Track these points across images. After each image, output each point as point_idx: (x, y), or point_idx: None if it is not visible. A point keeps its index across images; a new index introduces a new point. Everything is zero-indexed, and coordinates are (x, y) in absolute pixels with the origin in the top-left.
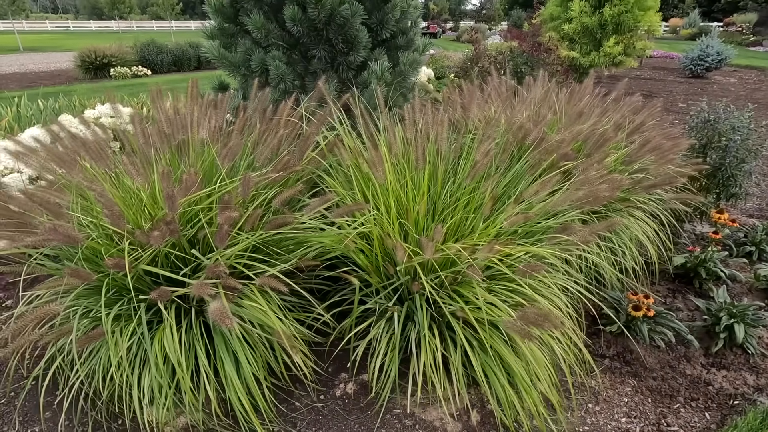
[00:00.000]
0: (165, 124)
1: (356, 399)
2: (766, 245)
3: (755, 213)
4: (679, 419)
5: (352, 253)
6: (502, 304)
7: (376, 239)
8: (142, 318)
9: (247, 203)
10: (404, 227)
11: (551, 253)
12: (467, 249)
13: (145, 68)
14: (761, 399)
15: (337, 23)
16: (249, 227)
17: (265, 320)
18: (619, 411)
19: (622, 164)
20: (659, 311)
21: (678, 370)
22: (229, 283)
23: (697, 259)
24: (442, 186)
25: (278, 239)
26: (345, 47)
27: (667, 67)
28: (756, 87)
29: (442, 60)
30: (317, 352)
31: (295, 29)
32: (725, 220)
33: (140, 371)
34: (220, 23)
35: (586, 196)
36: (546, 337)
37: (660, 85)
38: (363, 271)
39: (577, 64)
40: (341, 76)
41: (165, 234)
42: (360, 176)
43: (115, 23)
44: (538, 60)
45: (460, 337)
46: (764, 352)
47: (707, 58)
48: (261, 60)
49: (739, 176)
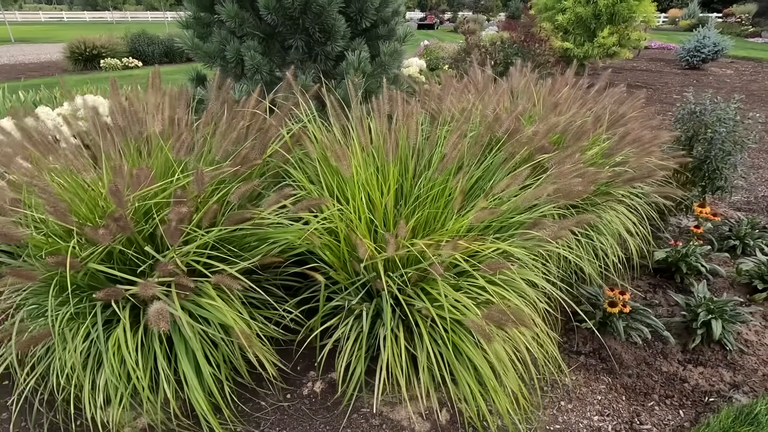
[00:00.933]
0: (120, 117)
1: (323, 398)
2: (750, 239)
3: (743, 206)
4: (653, 417)
5: (317, 249)
6: (468, 302)
7: (342, 234)
8: (98, 317)
9: (206, 198)
10: (374, 222)
11: (521, 249)
12: (432, 246)
13: (136, 60)
14: (737, 396)
15: (313, 12)
16: (207, 223)
17: (224, 319)
18: (591, 409)
19: (602, 157)
20: (635, 307)
21: (654, 366)
22: (182, 281)
23: (678, 254)
24: (413, 180)
25: (240, 235)
26: (322, 37)
27: (664, 59)
28: (752, 79)
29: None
30: (286, 350)
31: (270, 18)
32: (707, 214)
33: (94, 372)
34: (195, 12)
35: (558, 190)
36: (516, 335)
37: (656, 77)
38: (330, 268)
39: (571, 55)
40: (319, 66)
41: (114, 231)
42: (328, 170)
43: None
44: (529, 51)
45: (425, 335)
46: (742, 348)
47: (704, 50)
48: (236, 50)
49: (724, 169)
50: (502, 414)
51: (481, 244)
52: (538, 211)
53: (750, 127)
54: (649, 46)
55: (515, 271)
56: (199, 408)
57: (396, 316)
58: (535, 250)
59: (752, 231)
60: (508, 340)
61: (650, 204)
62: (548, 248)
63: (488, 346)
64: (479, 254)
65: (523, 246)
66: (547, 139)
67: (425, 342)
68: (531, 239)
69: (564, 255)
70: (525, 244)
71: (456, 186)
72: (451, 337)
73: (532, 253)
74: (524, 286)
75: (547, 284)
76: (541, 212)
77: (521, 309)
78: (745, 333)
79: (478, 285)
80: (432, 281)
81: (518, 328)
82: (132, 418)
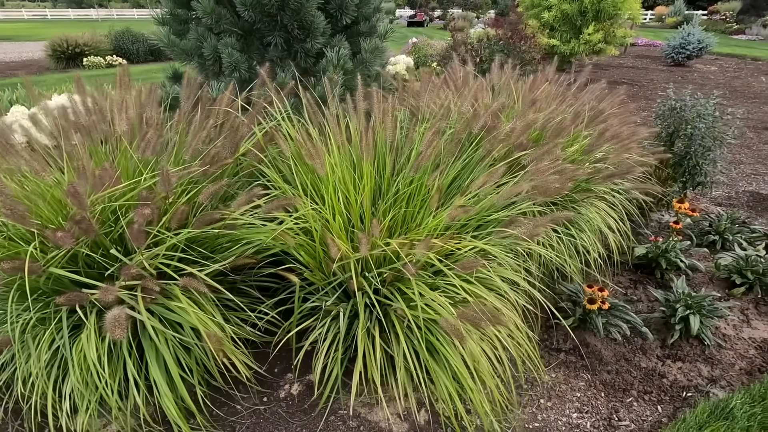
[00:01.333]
0: (84, 117)
1: (300, 400)
2: (729, 234)
3: (723, 201)
4: (631, 413)
5: (292, 249)
6: (444, 301)
7: (315, 234)
8: (63, 323)
9: (176, 199)
10: (351, 221)
11: (498, 247)
12: (406, 245)
13: (120, 58)
14: (714, 390)
15: (291, 8)
16: (176, 224)
17: (194, 323)
18: (571, 406)
19: (582, 154)
20: (614, 304)
21: (633, 362)
22: (148, 285)
23: (658, 250)
24: (390, 178)
25: (212, 236)
26: (301, 34)
27: (650, 55)
28: (735, 75)
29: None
30: (264, 353)
31: (248, 14)
32: (685, 210)
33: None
34: (171, 8)
35: (536, 188)
36: (495, 334)
37: (642, 73)
38: (306, 268)
39: (558, 52)
40: (300, 63)
41: (77, 233)
42: (302, 168)
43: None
44: (515, 48)
45: (401, 336)
46: (720, 343)
47: (688, 46)
48: (213, 47)
49: (704, 165)
50: (480, 414)
51: (457, 242)
52: (516, 208)
53: (729, 123)
54: (635, 43)
55: (493, 269)
56: (170, 414)
57: (373, 317)
58: (513, 247)
59: (732, 226)
60: (486, 339)
61: (631, 200)
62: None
63: (464, 346)
64: (457, 253)
65: (500, 244)
66: (526, 135)
67: (401, 342)
68: (507, 237)
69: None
70: (502, 242)
71: (433, 184)
72: (424, 336)
73: (510, 251)
74: (502, 284)
75: (526, 282)
76: (519, 210)
77: (497, 308)
78: (723, 327)
79: (455, 284)
80: (409, 281)
81: (495, 327)
82: (102, 426)
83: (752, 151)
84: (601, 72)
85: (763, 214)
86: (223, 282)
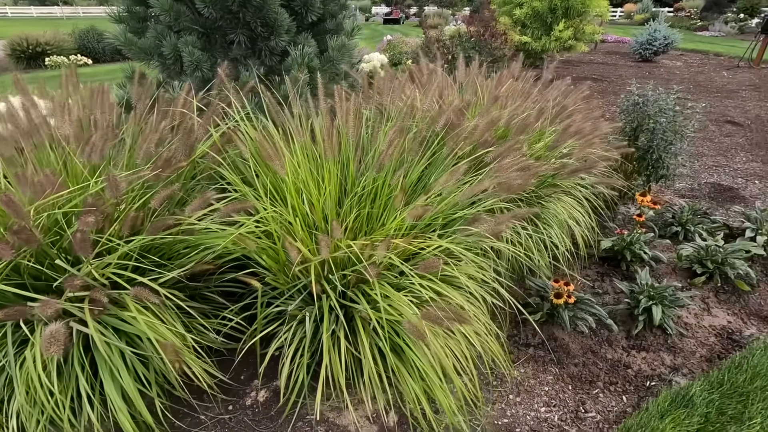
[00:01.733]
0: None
1: (267, 407)
2: (691, 225)
3: (687, 193)
4: (597, 404)
5: (254, 253)
6: (406, 301)
7: (276, 237)
8: (8, 338)
9: (128, 205)
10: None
11: (463, 245)
12: (368, 246)
13: (85, 57)
14: (676, 379)
15: (254, 5)
16: (128, 232)
17: (147, 333)
18: (539, 400)
19: (547, 150)
20: (580, 297)
21: (599, 354)
22: (96, 296)
23: (623, 242)
24: (355, 178)
25: (169, 243)
26: (265, 31)
27: (619, 52)
28: (699, 70)
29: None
30: (230, 360)
31: (208, 12)
32: (648, 203)
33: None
34: (129, 5)
35: (500, 185)
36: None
37: (611, 69)
38: (269, 272)
39: (529, 48)
40: (265, 62)
41: (16, 244)
42: (263, 170)
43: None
44: (486, 45)
45: (365, 339)
46: (682, 332)
47: (655, 43)
48: (173, 46)
49: (666, 158)
50: (447, 413)
51: (422, 242)
52: (481, 206)
53: (689, 117)
54: (605, 39)
55: (459, 268)
56: (126, 429)
57: (339, 320)
58: (480, 245)
59: (693, 217)
60: (453, 338)
61: (597, 195)
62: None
63: (429, 347)
64: (423, 252)
65: (466, 242)
66: (491, 133)
67: (365, 345)
68: (471, 235)
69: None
70: (467, 240)
71: (397, 183)
72: (390, 337)
73: (478, 248)
74: (467, 283)
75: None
76: (483, 207)
77: (462, 307)
78: (685, 316)
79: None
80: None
81: (462, 326)
82: None
83: (714, 143)
84: (572, 68)
85: (724, 204)
86: (185, 289)
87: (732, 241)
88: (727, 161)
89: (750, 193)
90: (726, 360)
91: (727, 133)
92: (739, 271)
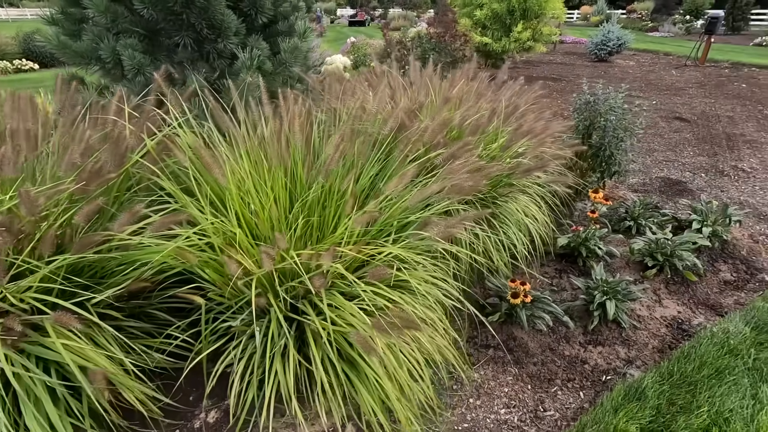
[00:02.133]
0: None
1: (218, 428)
2: (642, 219)
3: (639, 188)
4: (556, 403)
5: (196, 267)
6: (358, 311)
7: (219, 250)
8: None
9: (51, 222)
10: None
11: (417, 249)
12: (314, 255)
13: (30, 62)
14: (630, 371)
15: (198, 6)
16: (49, 251)
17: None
18: (499, 402)
19: (501, 150)
20: (537, 296)
21: (558, 352)
22: (9, 324)
23: (579, 239)
24: (304, 184)
25: (100, 261)
26: (212, 33)
27: (576, 52)
28: (650, 69)
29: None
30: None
31: (147, 13)
32: (600, 199)
33: None
34: (63, 6)
35: (451, 187)
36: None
37: (569, 69)
38: (214, 286)
39: (491, 49)
40: (214, 65)
41: None
42: (209, 179)
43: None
44: (446, 46)
45: (315, 351)
46: (635, 325)
47: (609, 43)
48: (112, 49)
49: (617, 154)
50: (404, 424)
51: (374, 248)
52: (434, 209)
53: (638, 114)
54: (563, 40)
55: (411, 273)
56: None
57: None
58: (434, 248)
59: (645, 211)
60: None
61: (554, 193)
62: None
63: (383, 356)
64: (376, 259)
65: (420, 246)
66: (443, 134)
67: (317, 358)
68: (424, 239)
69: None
70: (421, 244)
71: (347, 188)
72: (339, 348)
73: (432, 252)
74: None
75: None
76: (437, 210)
77: (416, 313)
78: (638, 309)
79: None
80: (328, 291)
81: (417, 333)
82: None
83: (664, 139)
84: (533, 68)
85: (673, 197)
86: (126, 308)
87: (680, 233)
88: (676, 156)
89: (697, 186)
90: (676, 350)
91: (676, 129)
92: (687, 263)
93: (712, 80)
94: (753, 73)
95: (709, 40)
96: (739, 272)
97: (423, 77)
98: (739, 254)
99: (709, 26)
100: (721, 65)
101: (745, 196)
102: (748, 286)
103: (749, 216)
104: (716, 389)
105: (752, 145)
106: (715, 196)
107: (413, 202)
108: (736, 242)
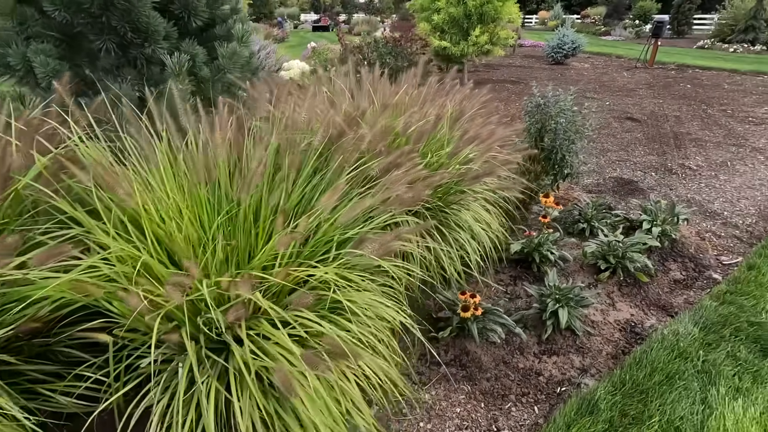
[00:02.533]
0: None
1: None
2: (595, 221)
3: (594, 189)
4: (509, 420)
5: (102, 300)
6: (286, 341)
7: (125, 280)
8: None
9: None
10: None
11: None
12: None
13: None
14: (585, 381)
15: (119, 8)
16: None
17: None
18: (451, 424)
19: (447, 157)
20: (488, 308)
21: (511, 365)
22: None
23: (532, 244)
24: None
25: None
26: (138, 38)
27: (535, 55)
28: (603, 71)
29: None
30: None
31: (59, 15)
32: (551, 204)
33: None
34: None
35: (389, 200)
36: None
37: (527, 72)
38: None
39: (449, 53)
40: (142, 72)
41: None
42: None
43: None
44: (403, 50)
45: (233, 389)
46: (589, 331)
47: (564, 47)
48: (22, 55)
49: (569, 157)
50: None
51: (305, 270)
52: (374, 222)
53: (587, 116)
54: (522, 44)
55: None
56: None
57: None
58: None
59: (597, 213)
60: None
61: (507, 198)
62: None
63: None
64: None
65: (357, 266)
66: (385, 142)
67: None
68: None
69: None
70: (360, 262)
71: (276, 205)
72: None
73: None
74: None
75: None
76: (377, 224)
77: (352, 340)
78: (592, 314)
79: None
80: (255, 320)
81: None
82: None
83: (617, 139)
84: (492, 71)
85: (626, 197)
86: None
87: (632, 234)
88: (628, 155)
89: (647, 185)
90: (629, 356)
91: (628, 129)
92: (638, 264)
93: (660, 81)
94: (697, 74)
95: (657, 44)
96: (688, 270)
97: (367, 83)
98: (687, 252)
99: (656, 30)
100: (668, 67)
101: (692, 194)
102: (696, 284)
103: (696, 213)
104: (667, 396)
105: (697, 144)
106: (664, 195)
107: (345, 218)
108: (685, 240)
